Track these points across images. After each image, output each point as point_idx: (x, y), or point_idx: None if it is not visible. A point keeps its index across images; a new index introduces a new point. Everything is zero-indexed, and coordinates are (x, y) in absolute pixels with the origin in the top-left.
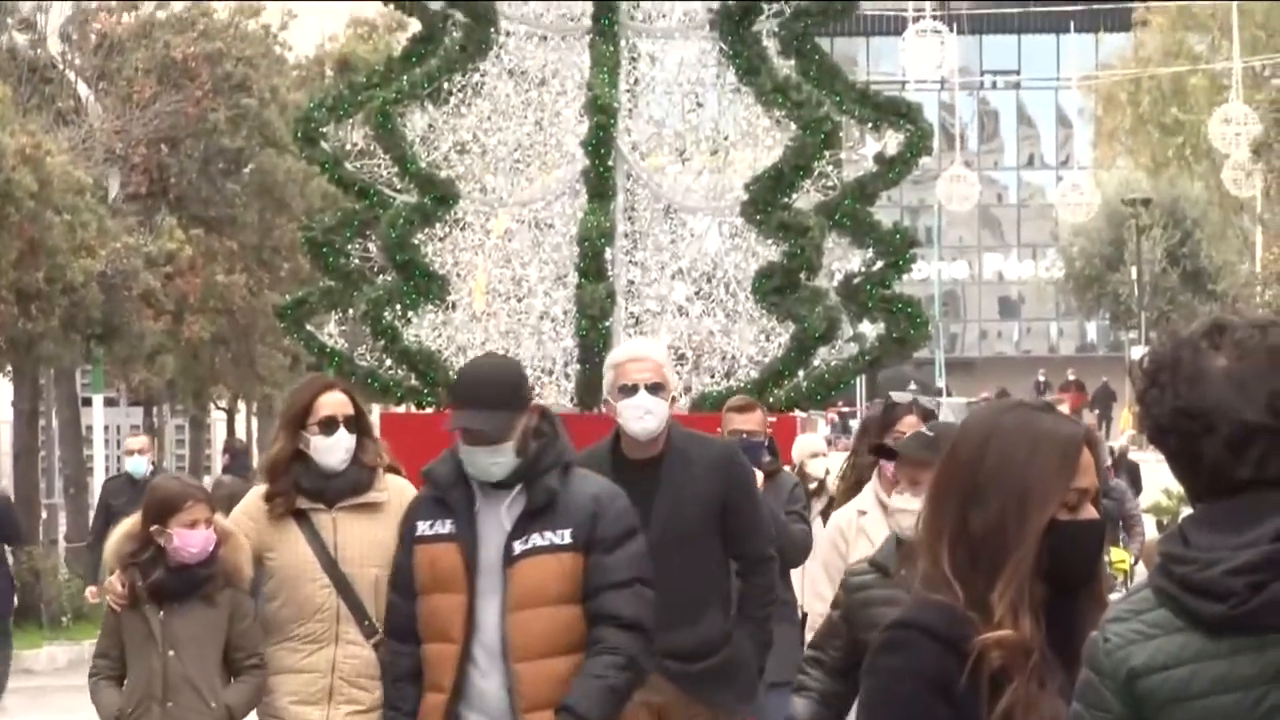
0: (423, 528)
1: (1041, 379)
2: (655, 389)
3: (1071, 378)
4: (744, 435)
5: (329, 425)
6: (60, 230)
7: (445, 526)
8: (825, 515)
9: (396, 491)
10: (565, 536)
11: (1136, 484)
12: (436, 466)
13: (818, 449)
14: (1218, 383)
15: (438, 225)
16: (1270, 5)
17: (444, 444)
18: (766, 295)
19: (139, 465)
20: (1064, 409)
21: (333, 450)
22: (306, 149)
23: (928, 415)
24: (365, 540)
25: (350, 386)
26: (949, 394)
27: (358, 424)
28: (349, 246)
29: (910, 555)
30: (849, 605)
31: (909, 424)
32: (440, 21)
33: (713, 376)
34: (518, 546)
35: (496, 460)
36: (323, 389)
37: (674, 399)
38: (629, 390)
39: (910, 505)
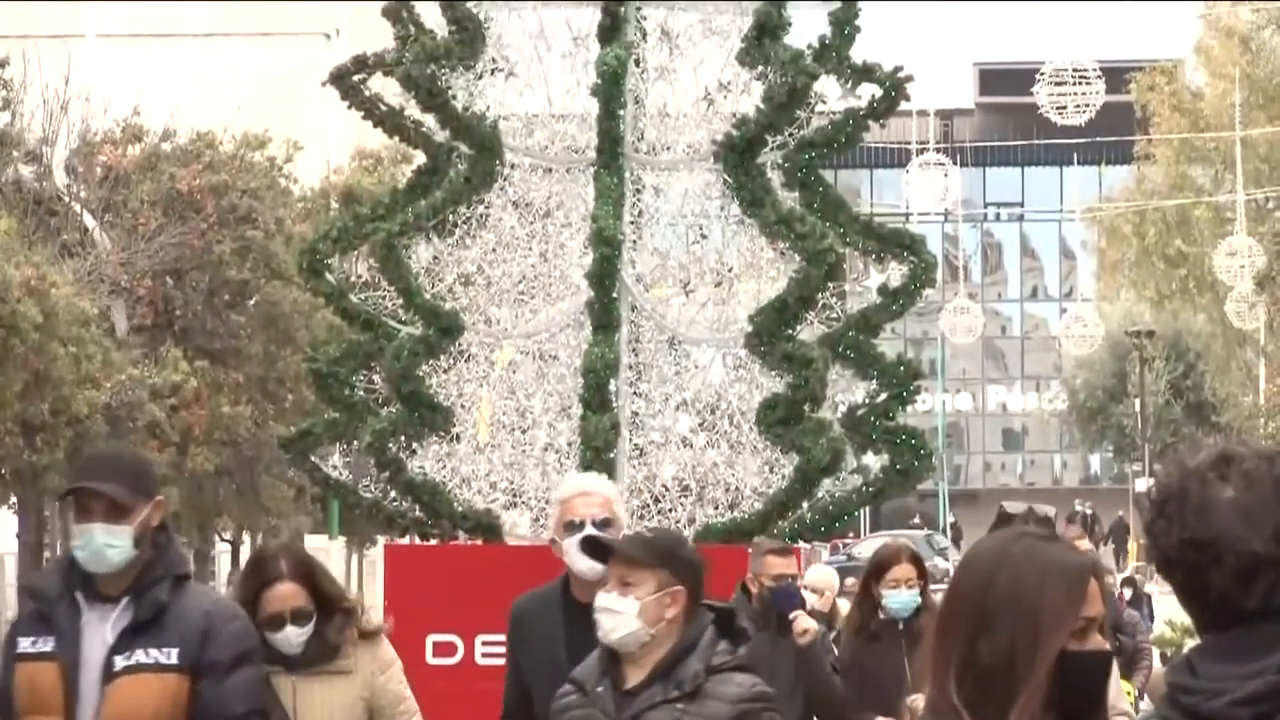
0: (25, 644)
1: (1088, 511)
2: (604, 525)
3: (1081, 509)
4: (789, 579)
5: (275, 623)
6: (65, 362)
7: (47, 644)
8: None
9: (368, 659)
10: (171, 656)
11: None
12: (40, 578)
13: (830, 584)
14: (1225, 514)
15: (442, 357)
16: (1274, 138)
17: (448, 575)
18: (770, 427)
19: None
20: (1086, 544)
21: (282, 645)
22: (311, 281)
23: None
24: (326, 706)
25: (306, 565)
26: (952, 529)
27: (319, 604)
28: (353, 378)
29: (610, 669)
30: None
31: None
32: (445, 154)
33: (716, 508)
34: (119, 662)
35: (113, 542)
36: (268, 583)
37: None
38: (575, 527)
39: (616, 605)
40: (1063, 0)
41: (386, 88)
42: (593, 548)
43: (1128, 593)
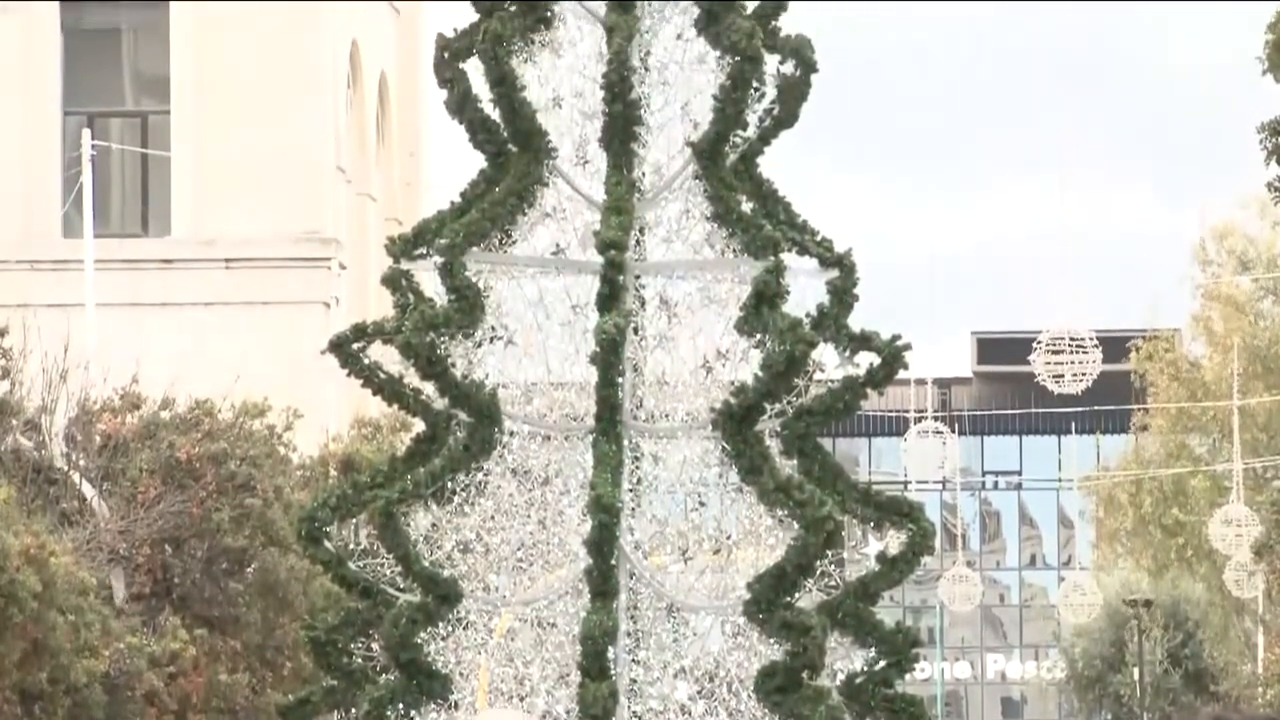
0: None
1: None
2: None
3: None
4: None
5: None
6: (64, 631)
7: None
8: None
9: None
10: None
11: None
12: None
13: None
14: None
15: (440, 624)
16: (1271, 407)
17: None
18: (769, 695)
19: None
20: None
21: None
22: (310, 548)
23: None
24: None
25: None
26: None
27: None
28: (352, 645)
29: None
30: None
31: None
32: (444, 421)
33: None
34: None
35: None
36: None
37: None
38: None
39: None
40: (1059, 269)
41: (386, 355)
42: None
43: None
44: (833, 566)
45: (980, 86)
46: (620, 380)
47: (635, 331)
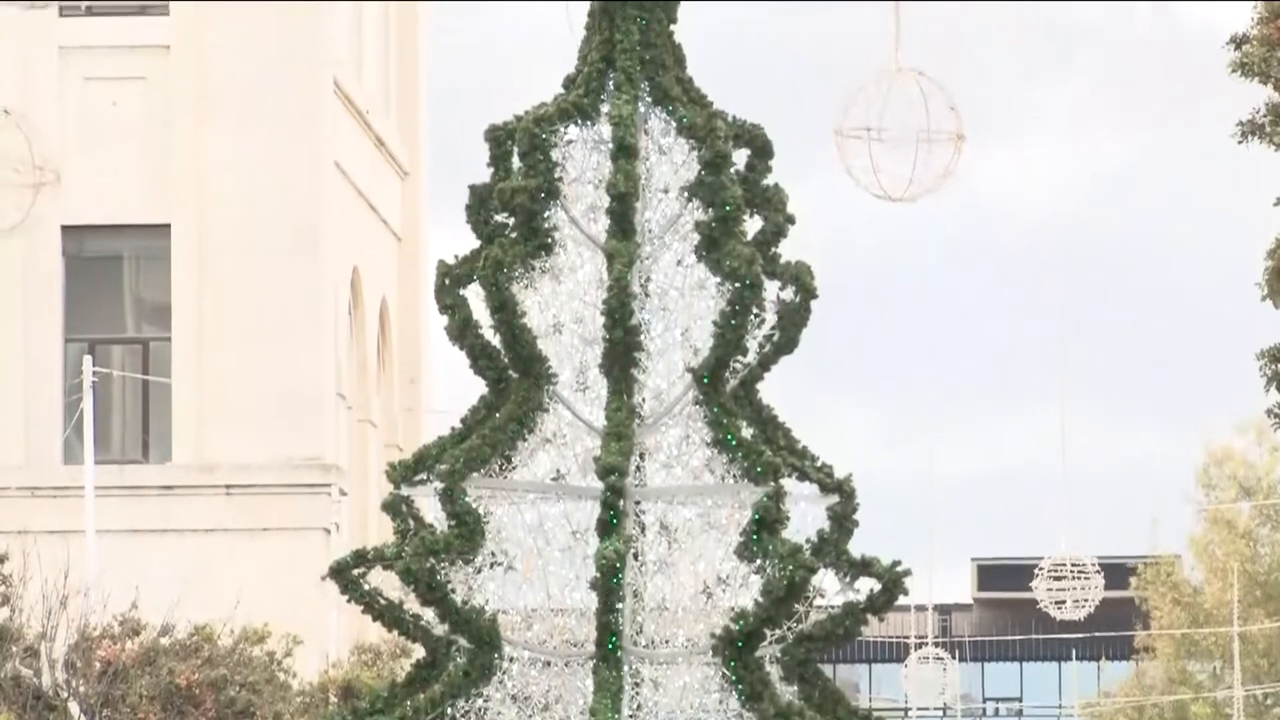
0: None
1: None
2: None
3: None
4: None
5: None
6: None
7: None
8: None
9: None
10: None
11: None
12: None
13: None
14: None
15: None
16: (1271, 634)
17: None
18: None
19: None
20: None
21: None
22: None
23: None
24: None
25: None
26: None
27: None
28: None
29: None
30: None
31: None
32: (444, 647)
33: None
34: None
35: None
36: None
37: None
38: None
39: None
40: (1059, 496)
41: (386, 581)
42: None
43: None
44: None
45: (979, 313)
46: (620, 606)
47: (635, 557)
